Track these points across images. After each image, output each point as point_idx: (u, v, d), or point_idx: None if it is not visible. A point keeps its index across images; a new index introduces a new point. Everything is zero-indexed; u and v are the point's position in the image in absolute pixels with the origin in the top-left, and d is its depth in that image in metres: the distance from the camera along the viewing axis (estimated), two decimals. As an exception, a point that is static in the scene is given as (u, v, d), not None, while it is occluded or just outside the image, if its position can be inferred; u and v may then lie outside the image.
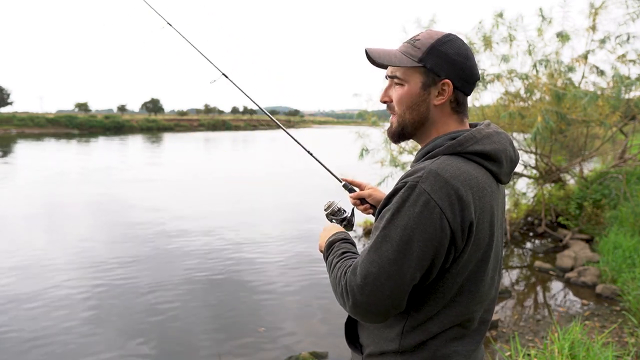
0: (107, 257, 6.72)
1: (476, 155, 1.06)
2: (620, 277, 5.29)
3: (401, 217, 0.99)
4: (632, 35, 6.68)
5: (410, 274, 0.99)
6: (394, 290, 0.99)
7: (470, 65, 1.11)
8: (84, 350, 4.15)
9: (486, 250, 1.08)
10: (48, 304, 5.10)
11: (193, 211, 10.20)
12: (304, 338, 4.42)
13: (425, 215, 0.97)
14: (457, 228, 0.99)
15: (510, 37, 7.12)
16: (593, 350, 3.03)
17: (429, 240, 0.97)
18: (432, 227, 0.97)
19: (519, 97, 7.38)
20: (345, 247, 1.23)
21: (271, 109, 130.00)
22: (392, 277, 0.98)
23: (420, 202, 0.98)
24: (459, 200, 0.98)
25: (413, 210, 0.98)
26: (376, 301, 1.00)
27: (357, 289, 1.01)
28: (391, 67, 1.15)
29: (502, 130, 1.15)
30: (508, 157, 1.11)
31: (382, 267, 0.99)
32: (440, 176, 0.99)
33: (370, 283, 0.99)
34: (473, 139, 1.06)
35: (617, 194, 7.52)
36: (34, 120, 58.55)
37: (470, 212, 1.00)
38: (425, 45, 1.11)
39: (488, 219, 1.06)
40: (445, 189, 0.98)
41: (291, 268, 6.44)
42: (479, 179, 1.04)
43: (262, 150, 33.17)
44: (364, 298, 1.00)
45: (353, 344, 1.24)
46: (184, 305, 5.14)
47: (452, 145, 1.06)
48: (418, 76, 1.12)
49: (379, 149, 8.08)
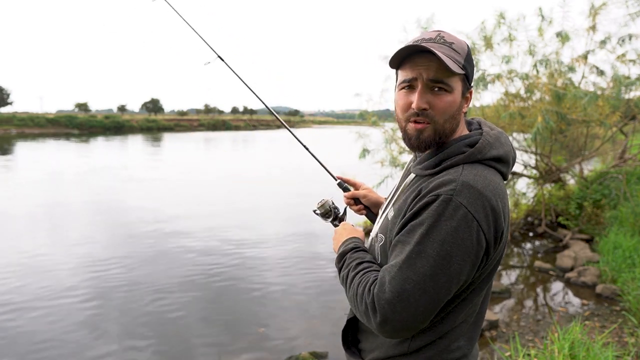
0: (106, 257, 6.72)
1: (493, 160, 1.06)
2: (620, 277, 5.28)
3: (437, 232, 0.96)
4: (632, 35, 6.67)
5: (446, 289, 0.97)
6: (428, 307, 0.97)
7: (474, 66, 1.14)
8: (84, 350, 4.14)
9: (500, 254, 1.09)
10: (48, 304, 5.09)
11: (193, 211, 10.19)
12: (304, 338, 4.41)
13: (464, 229, 0.95)
14: (491, 239, 0.99)
15: (511, 37, 7.12)
16: (593, 351, 3.03)
17: (468, 254, 0.96)
18: (469, 241, 0.96)
19: (519, 97, 7.37)
20: (359, 257, 1.17)
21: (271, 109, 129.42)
22: (428, 293, 0.96)
23: (457, 216, 0.95)
24: (492, 211, 0.98)
25: (450, 225, 0.95)
26: (408, 317, 0.96)
27: (387, 306, 0.96)
28: (436, 71, 1.03)
29: (500, 129, 1.16)
30: (513, 156, 1.14)
31: (418, 284, 0.95)
32: (474, 188, 0.97)
33: (404, 300, 0.95)
34: (489, 145, 1.06)
35: (617, 194, 7.51)
36: (34, 120, 58.55)
37: (501, 222, 1.00)
38: (464, 51, 1.06)
39: (508, 223, 1.07)
40: (480, 201, 0.97)
41: (291, 268, 6.44)
42: (500, 185, 1.04)
43: (262, 150, 33.17)
44: (396, 315, 0.96)
45: (351, 350, 1.22)
46: (184, 306, 5.14)
47: (473, 153, 1.05)
48: (460, 84, 1.07)
49: (379, 149, 8.08)
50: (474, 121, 1.17)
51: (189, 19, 1.80)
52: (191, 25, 1.79)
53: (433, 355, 1.08)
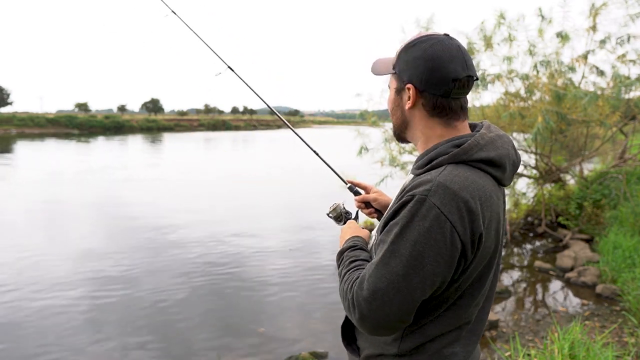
0: (106, 258, 6.72)
1: (482, 162, 1.04)
2: (620, 277, 5.28)
3: (411, 232, 0.97)
4: (632, 35, 6.67)
5: (420, 290, 0.97)
6: (402, 306, 0.98)
7: (434, 66, 1.04)
8: (83, 351, 4.14)
9: (492, 257, 1.08)
10: (48, 304, 5.09)
11: (193, 211, 10.19)
12: (304, 338, 4.41)
13: (436, 229, 0.95)
14: (467, 241, 0.98)
15: (511, 37, 7.12)
16: (593, 351, 3.03)
17: (441, 255, 0.96)
18: (442, 242, 0.95)
19: (519, 97, 7.38)
20: (353, 256, 1.19)
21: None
22: (401, 292, 0.97)
23: (430, 217, 0.95)
24: (468, 212, 0.97)
25: (423, 225, 0.96)
26: (383, 316, 0.99)
27: (364, 304, 0.99)
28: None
29: (504, 133, 1.13)
30: (511, 160, 1.09)
31: (391, 283, 0.97)
32: (449, 189, 0.97)
33: (379, 298, 0.98)
34: (477, 146, 1.04)
35: (617, 194, 7.52)
36: (34, 120, 58.56)
37: (479, 224, 0.98)
38: (398, 51, 1.13)
39: (494, 227, 1.05)
40: (455, 202, 0.96)
41: (291, 268, 6.44)
42: (485, 187, 1.02)
43: (263, 150, 33.16)
44: (371, 313, 0.99)
45: (350, 346, 1.23)
46: (184, 306, 5.14)
47: (458, 153, 1.03)
48: (394, 82, 1.14)
49: (378, 149, 8.08)
50: (481, 124, 1.15)
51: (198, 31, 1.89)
52: (202, 38, 1.86)
53: (424, 359, 1.08)
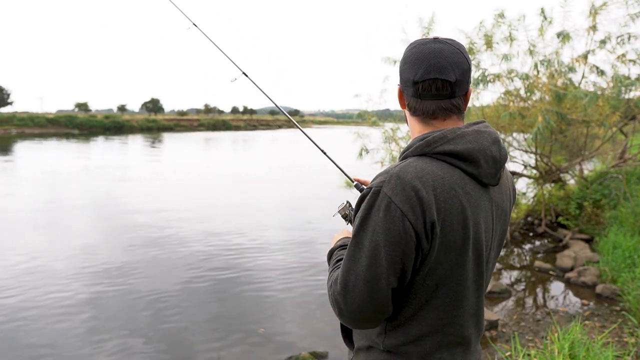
0: (106, 258, 6.72)
1: (445, 155, 1.03)
2: (620, 277, 5.29)
3: (369, 224, 1.00)
4: (632, 35, 6.67)
5: (384, 279, 1.00)
6: (373, 296, 1.00)
7: (403, 68, 1.10)
8: (82, 352, 4.14)
9: (460, 254, 1.03)
10: (48, 304, 5.09)
11: (193, 211, 10.20)
12: (304, 338, 4.42)
13: (389, 219, 0.98)
14: (421, 229, 0.98)
15: (511, 36, 7.12)
16: (593, 350, 3.03)
17: (395, 244, 0.98)
18: (395, 230, 0.98)
19: (519, 97, 7.37)
20: (340, 255, 1.24)
21: (271, 109, 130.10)
22: (369, 283, 1.00)
23: (382, 207, 0.99)
24: (419, 200, 0.98)
25: (378, 216, 0.99)
26: (359, 308, 1.02)
27: (340, 298, 1.04)
28: None
29: (488, 129, 1.09)
30: (489, 157, 1.05)
31: (358, 275, 1.01)
32: (400, 178, 0.99)
33: (350, 291, 1.02)
34: (443, 139, 1.04)
35: (617, 194, 7.52)
36: (34, 120, 58.55)
37: (432, 213, 0.98)
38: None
39: (459, 221, 1.01)
40: (405, 191, 0.98)
41: (291, 268, 6.44)
42: (445, 178, 1.01)
43: (263, 150, 33.17)
44: (347, 307, 1.03)
45: (348, 338, 1.26)
46: (184, 306, 5.14)
47: (420, 146, 1.05)
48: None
49: (378, 149, 8.08)
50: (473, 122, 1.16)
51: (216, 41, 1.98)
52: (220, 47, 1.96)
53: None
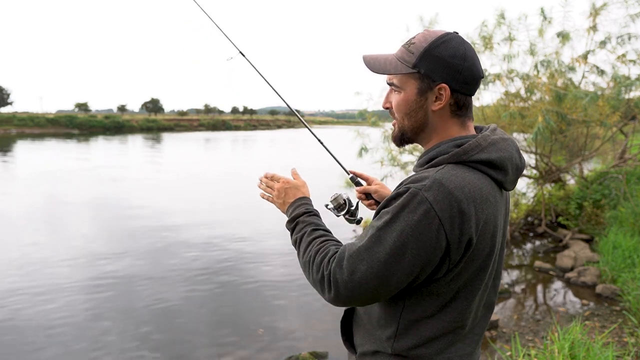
0: (106, 258, 6.72)
1: (481, 164, 1.03)
2: (620, 277, 5.29)
3: (398, 222, 0.97)
4: (632, 35, 6.67)
5: (397, 278, 0.99)
6: (378, 290, 1.01)
7: (468, 65, 1.05)
8: (83, 350, 4.14)
9: (485, 260, 1.05)
10: (47, 302, 5.09)
11: (193, 211, 10.19)
12: (304, 338, 4.42)
13: (424, 224, 0.95)
14: (455, 241, 0.97)
15: (511, 37, 7.12)
16: (593, 351, 3.03)
17: (423, 249, 0.96)
18: (428, 237, 0.95)
19: (519, 97, 7.38)
20: (314, 223, 1.22)
21: (271, 109, 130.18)
22: (379, 278, 0.99)
23: (420, 211, 0.95)
24: (460, 213, 0.96)
25: (411, 217, 0.96)
26: (359, 296, 1.02)
27: (341, 283, 1.02)
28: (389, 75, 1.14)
29: (509, 136, 1.12)
30: (514, 164, 1.08)
31: (371, 267, 0.99)
32: (444, 187, 0.96)
33: (357, 280, 1.00)
34: (478, 147, 1.03)
35: (617, 194, 7.52)
36: (34, 120, 58.59)
37: (470, 226, 0.97)
38: (419, 50, 1.06)
39: (490, 230, 1.03)
40: (447, 201, 0.95)
41: (291, 268, 6.44)
42: (482, 189, 1.01)
43: (263, 150, 33.16)
44: (348, 292, 1.02)
45: (348, 342, 1.24)
46: (184, 305, 5.14)
47: (457, 153, 1.02)
48: (413, 82, 1.08)
49: (377, 149, 8.08)
50: (486, 127, 1.15)
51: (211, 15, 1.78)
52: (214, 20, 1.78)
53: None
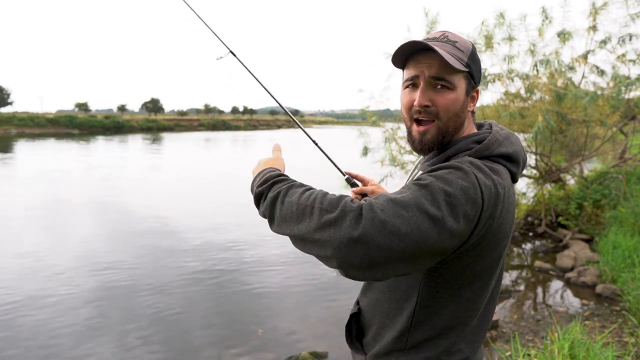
0: (106, 258, 6.71)
1: (501, 157, 1.06)
2: (620, 277, 5.29)
3: (448, 183, 0.92)
4: (632, 35, 6.67)
5: (433, 239, 0.88)
6: (412, 246, 0.87)
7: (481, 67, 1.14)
8: (82, 350, 4.14)
9: (502, 250, 1.08)
10: (48, 303, 5.09)
11: (193, 211, 10.19)
12: (304, 338, 4.41)
13: (472, 192, 0.93)
14: (484, 218, 0.95)
15: (510, 37, 7.12)
16: (593, 350, 3.03)
17: (466, 216, 0.92)
18: (472, 204, 0.93)
19: (519, 97, 7.38)
20: (297, 182, 1.08)
21: (271, 109, 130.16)
22: (422, 232, 0.87)
23: (469, 179, 0.94)
24: (496, 195, 0.97)
25: (461, 183, 0.92)
26: (387, 246, 0.85)
27: (376, 221, 0.85)
28: (438, 68, 1.04)
29: (512, 131, 1.17)
30: (524, 157, 1.13)
31: (415, 216, 0.87)
32: (482, 168, 0.99)
33: (397, 224, 0.86)
34: (497, 142, 1.07)
35: (617, 194, 7.52)
36: (34, 120, 58.57)
37: (498, 211, 0.98)
38: (468, 50, 1.06)
39: (509, 221, 1.06)
40: (490, 180, 0.97)
41: (291, 267, 6.44)
42: (506, 181, 1.04)
43: (263, 150, 33.14)
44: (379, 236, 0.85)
45: (354, 345, 1.23)
46: (184, 306, 5.14)
47: (480, 149, 1.05)
48: (464, 82, 1.06)
49: (378, 149, 8.09)
50: (485, 123, 1.18)
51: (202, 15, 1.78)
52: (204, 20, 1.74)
53: (432, 356, 1.07)
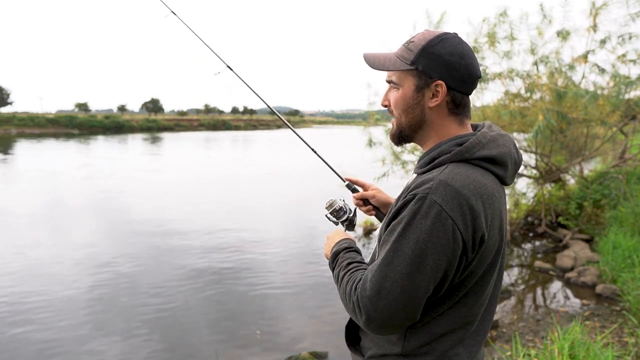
0: (106, 258, 6.72)
1: (484, 160, 1.05)
2: (620, 277, 5.28)
3: (412, 230, 0.97)
4: (632, 35, 6.67)
5: (424, 287, 0.98)
6: (408, 304, 0.98)
7: (465, 63, 1.07)
8: (82, 350, 4.14)
9: (495, 256, 1.07)
10: (48, 303, 5.09)
11: (193, 211, 10.19)
12: (304, 338, 4.42)
13: (438, 227, 0.95)
14: (469, 239, 0.98)
15: (512, 35, 7.12)
16: (593, 351, 3.03)
17: (442, 252, 0.96)
18: (445, 239, 0.95)
19: (520, 97, 7.37)
20: (349, 257, 1.21)
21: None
22: (406, 291, 0.97)
23: (431, 214, 0.95)
24: (470, 210, 0.97)
25: (425, 223, 0.96)
26: (390, 315, 0.99)
27: (370, 305, 0.99)
28: (388, 72, 1.14)
29: (505, 132, 1.15)
30: (513, 159, 1.11)
31: (395, 282, 0.97)
32: (450, 186, 0.97)
33: (384, 298, 0.98)
34: (479, 144, 1.05)
35: (617, 194, 7.51)
36: (34, 120, 58.61)
37: (481, 222, 0.99)
38: (418, 47, 1.08)
39: (497, 226, 1.05)
40: (456, 200, 0.96)
41: (291, 268, 6.44)
42: (487, 185, 1.02)
43: (263, 150, 33.15)
44: (378, 314, 0.99)
45: (353, 346, 1.23)
46: (184, 306, 5.14)
47: (460, 152, 1.04)
48: (411, 79, 1.10)
49: (381, 142, 8.11)
50: (483, 124, 1.16)
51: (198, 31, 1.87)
52: (201, 38, 1.84)
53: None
